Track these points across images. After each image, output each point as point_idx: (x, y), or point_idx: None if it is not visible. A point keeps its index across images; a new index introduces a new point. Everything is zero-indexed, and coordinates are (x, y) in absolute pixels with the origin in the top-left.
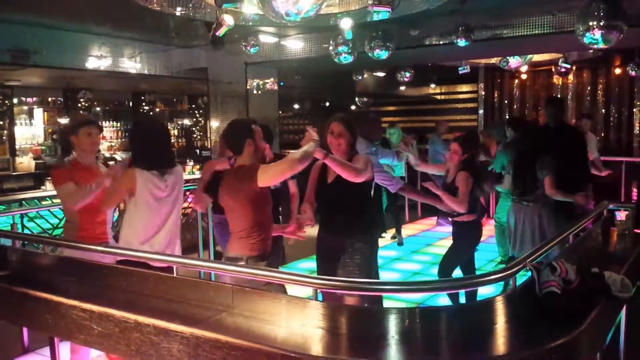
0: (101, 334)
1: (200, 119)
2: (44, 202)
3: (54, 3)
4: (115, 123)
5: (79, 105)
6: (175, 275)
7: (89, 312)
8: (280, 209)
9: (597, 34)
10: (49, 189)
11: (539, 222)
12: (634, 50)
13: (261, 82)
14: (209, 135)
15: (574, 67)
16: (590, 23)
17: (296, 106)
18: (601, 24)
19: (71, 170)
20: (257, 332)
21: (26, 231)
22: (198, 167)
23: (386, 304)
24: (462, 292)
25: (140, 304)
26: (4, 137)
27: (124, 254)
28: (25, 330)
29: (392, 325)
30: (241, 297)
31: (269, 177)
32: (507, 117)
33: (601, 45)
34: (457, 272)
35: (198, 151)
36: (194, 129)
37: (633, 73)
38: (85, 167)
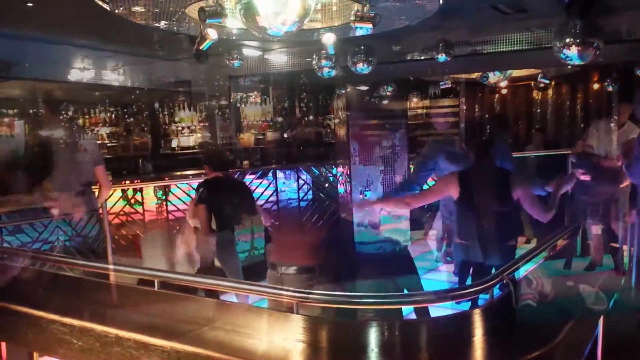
0: (81, 349)
1: None
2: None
3: (36, 15)
4: None
5: (61, 117)
6: (156, 289)
7: (69, 326)
8: None
9: (574, 50)
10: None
11: None
12: (612, 67)
13: (245, 95)
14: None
15: (552, 83)
16: (567, 40)
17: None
18: (578, 40)
19: None
20: (238, 346)
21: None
22: None
23: None
24: None
25: (121, 318)
26: None
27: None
28: (3, 345)
29: (372, 338)
30: (222, 311)
31: None
32: (488, 131)
33: (578, 62)
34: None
35: None
36: None
37: (610, 89)
38: None
